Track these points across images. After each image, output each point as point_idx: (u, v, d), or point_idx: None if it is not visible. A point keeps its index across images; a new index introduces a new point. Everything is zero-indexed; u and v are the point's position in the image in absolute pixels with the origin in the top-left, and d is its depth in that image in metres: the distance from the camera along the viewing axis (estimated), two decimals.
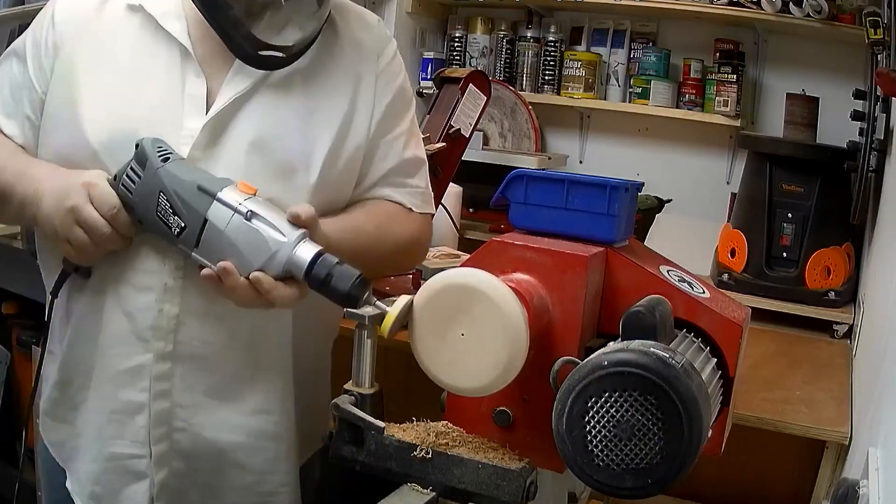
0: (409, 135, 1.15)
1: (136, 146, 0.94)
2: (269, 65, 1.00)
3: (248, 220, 0.90)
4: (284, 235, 0.90)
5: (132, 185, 0.93)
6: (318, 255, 0.90)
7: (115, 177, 0.95)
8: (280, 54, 0.99)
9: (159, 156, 0.93)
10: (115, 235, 0.94)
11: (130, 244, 0.98)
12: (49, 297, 1.05)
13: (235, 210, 0.90)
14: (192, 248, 0.92)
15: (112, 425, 1.02)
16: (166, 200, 0.92)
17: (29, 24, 1.10)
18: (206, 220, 0.90)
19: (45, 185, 0.97)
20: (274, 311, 1.01)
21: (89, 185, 0.94)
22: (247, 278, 0.90)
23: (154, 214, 0.93)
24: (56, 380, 1.08)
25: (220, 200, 0.91)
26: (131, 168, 0.94)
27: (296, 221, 0.92)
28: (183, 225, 0.91)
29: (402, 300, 0.82)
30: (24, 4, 3.04)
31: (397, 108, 1.13)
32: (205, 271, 0.92)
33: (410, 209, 1.15)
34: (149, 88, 1.00)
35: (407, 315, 0.82)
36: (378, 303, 0.86)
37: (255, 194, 0.93)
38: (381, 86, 1.11)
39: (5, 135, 1.07)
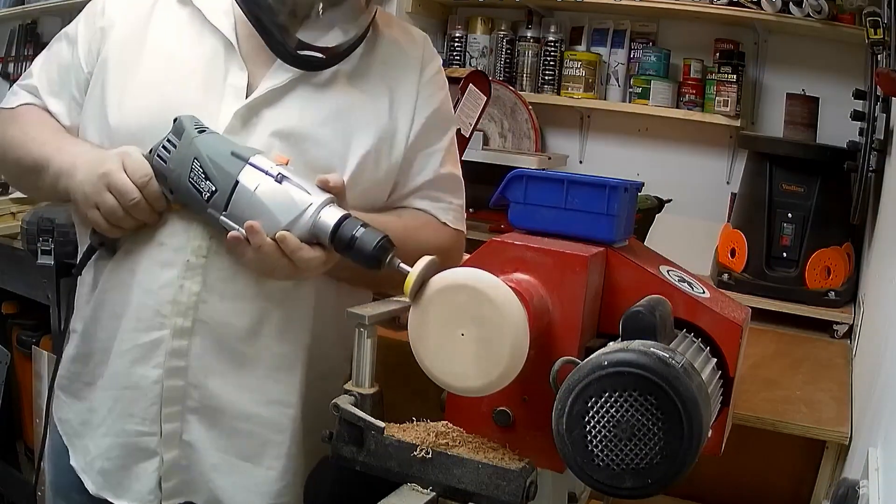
0: (448, 153, 1.17)
1: (175, 121, 0.98)
2: (308, 65, 1.03)
3: (279, 182, 0.92)
4: (311, 197, 0.92)
5: (167, 154, 0.97)
6: (343, 218, 0.92)
7: (151, 150, 0.98)
8: (320, 55, 1.03)
9: (196, 128, 0.97)
10: (144, 204, 0.97)
11: (157, 220, 1.00)
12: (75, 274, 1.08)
13: (267, 172, 0.93)
14: (222, 210, 0.94)
15: (124, 401, 1.03)
16: (200, 166, 0.94)
17: (28, 24, 1.12)
18: (237, 183, 0.93)
19: (83, 158, 1.00)
20: (297, 298, 1.04)
21: (124, 153, 0.97)
22: (273, 239, 0.92)
23: (186, 181, 0.95)
24: (74, 355, 1.10)
25: (252, 164, 0.93)
26: (167, 140, 0.97)
27: (324, 186, 0.94)
28: (214, 189, 0.94)
29: (424, 260, 0.82)
30: (24, 4, 3.05)
31: (438, 124, 1.15)
32: (231, 233, 0.93)
33: (444, 223, 1.17)
34: (191, 78, 1.03)
35: (430, 274, 0.82)
36: (401, 265, 0.87)
37: (287, 163, 0.95)
38: (422, 98, 1.12)
39: (50, 113, 1.10)
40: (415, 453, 0.85)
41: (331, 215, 0.92)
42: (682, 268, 0.95)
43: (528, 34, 2.60)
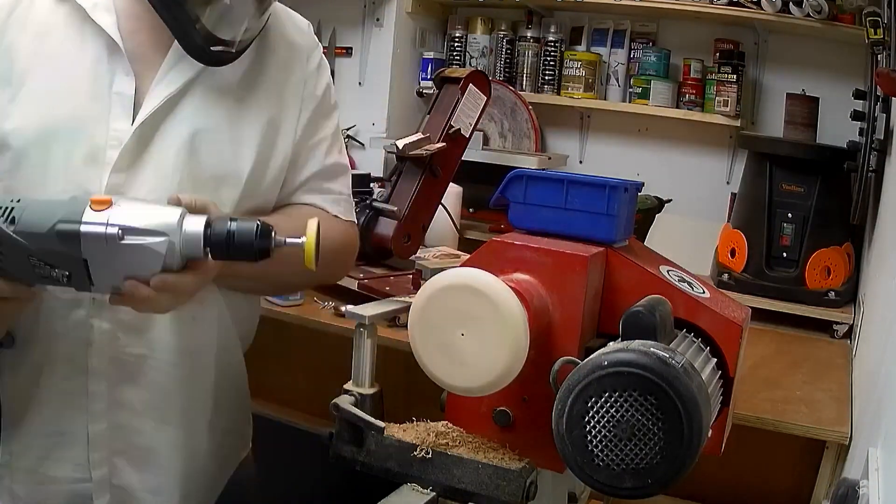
0: (333, 140, 1.13)
1: None
2: (219, 61, 0.96)
3: (122, 239, 0.81)
4: (166, 232, 0.82)
5: None
6: (207, 224, 0.83)
7: None
8: (229, 49, 0.96)
9: (4, 218, 0.83)
10: (10, 310, 0.88)
11: (33, 296, 0.89)
12: None
13: (105, 237, 0.82)
14: (89, 286, 0.85)
15: (53, 448, 0.99)
16: (38, 260, 0.83)
17: None
18: (85, 261, 0.83)
19: None
20: (200, 320, 1.01)
21: None
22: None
23: (38, 279, 0.85)
24: None
25: (85, 235, 0.82)
26: None
27: (175, 202, 0.85)
28: (68, 273, 0.84)
29: (312, 224, 0.81)
30: None
31: (322, 113, 1.11)
32: (111, 298, 0.87)
33: (336, 216, 1.13)
34: (74, 86, 0.94)
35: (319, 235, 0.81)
36: (290, 239, 0.82)
37: (111, 203, 0.83)
38: (308, 91, 1.08)
39: None
40: (415, 453, 0.85)
41: (193, 229, 0.83)
42: (682, 268, 0.95)
43: (528, 34, 2.60)
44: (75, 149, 0.93)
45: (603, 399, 0.68)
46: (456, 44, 2.67)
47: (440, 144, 1.74)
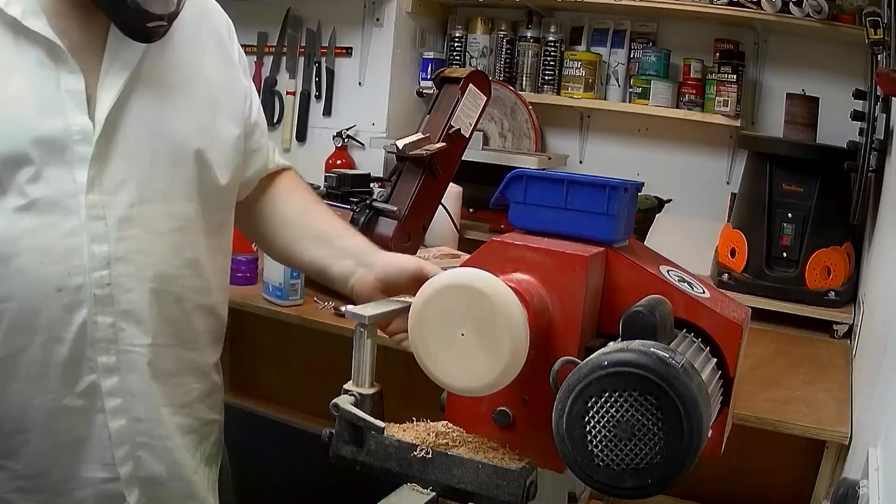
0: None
1: None
2: (154, 36, 0.98)
3: None
4: None
5: None
6: None
7: None
8: (162, 24, 0.97)
9: None
10: None
11: None
12: None
13: None
14: None
15: (76, 453, 0.99)
16: None
17: None
18: None
19: None
20: (187, 300, 1.05)
21: None
22: None
23: None
24: None
25: None
26: None
27: None
28: None
29: None
30: None
31: (247, 73, 1.18)
32: None
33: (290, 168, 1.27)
34: (22, 94, 0.92)
35: None
36: None
37: None
38: (236, 54, 1.14)
39: None
40: (415, 453, 0.85)
41: None
42: (682, 268, 0.95)
43: (528, 34, 2.60)
44: (42, 153, 0.92)
45: (603, 399, 0.68)
46: (456, 44, 2.67)
47: (440, 144, 1.75)
